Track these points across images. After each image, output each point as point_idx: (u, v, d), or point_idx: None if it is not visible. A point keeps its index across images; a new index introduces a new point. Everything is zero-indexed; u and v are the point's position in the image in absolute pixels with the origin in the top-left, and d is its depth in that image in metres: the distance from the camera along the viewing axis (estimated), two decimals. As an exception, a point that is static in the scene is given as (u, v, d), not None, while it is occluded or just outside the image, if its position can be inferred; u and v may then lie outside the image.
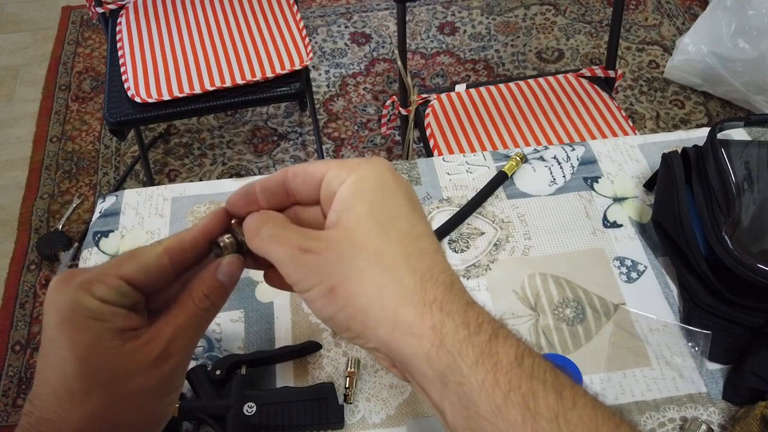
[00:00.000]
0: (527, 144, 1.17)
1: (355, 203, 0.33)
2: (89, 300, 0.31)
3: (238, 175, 1.75)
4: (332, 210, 0.34)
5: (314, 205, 0.37)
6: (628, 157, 0.76)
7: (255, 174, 1.73)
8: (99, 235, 0.70)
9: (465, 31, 2.10)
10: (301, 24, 1.38)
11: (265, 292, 0.66)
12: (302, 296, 0.33)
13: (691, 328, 0.60)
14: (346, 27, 2.12)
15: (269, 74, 1.27)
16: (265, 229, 0.34)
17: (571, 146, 0.77)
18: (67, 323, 0.31)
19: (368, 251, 0.31)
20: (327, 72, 1.99)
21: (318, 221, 0.36)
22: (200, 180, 1.73)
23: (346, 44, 2.07)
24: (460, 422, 0.30)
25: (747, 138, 0.75)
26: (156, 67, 1.29)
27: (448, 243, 0.69)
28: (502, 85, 1.26)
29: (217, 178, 1.45)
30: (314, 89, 1.91)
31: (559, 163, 0.75)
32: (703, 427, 0.54)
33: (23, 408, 0.32)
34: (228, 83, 1.26)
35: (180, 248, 0.36)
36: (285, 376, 0.59)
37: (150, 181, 1.59)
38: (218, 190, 0.74)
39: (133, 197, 0.73)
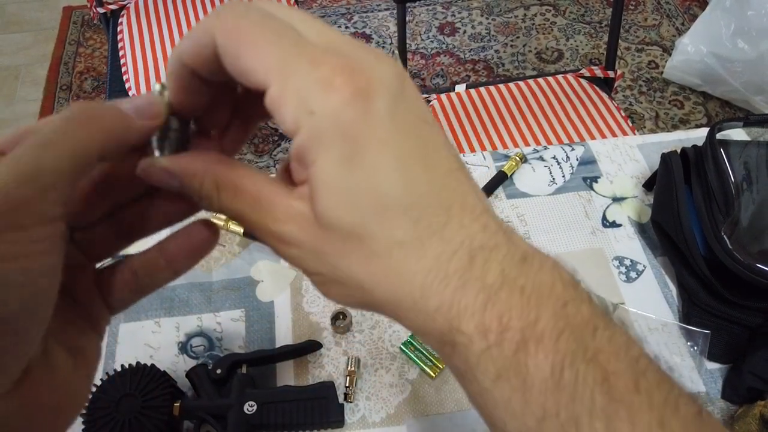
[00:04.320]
0: (527, 144, 1.17)
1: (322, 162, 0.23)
2: None
3: (239, 175, 1.75)
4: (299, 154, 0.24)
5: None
6: (628, 157, 0.76)
7: (255, 174, 1.73)
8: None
9: (465, 32, 2.10)
10: (302, 24, 1.38)
11: (265, 291, 0.66)
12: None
13: (690, 327, 0.60)
14: (347, 27, 2.13)
15: (270, 74, 1.27)
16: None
17: (570, 146, 0.77)
18: None
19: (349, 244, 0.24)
20: (327, 72, 1.99)
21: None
22: (201, 180, 1.73)
23: (346, 44, 2.07)
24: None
25: (746, 138, 0.75)
26: (157, 67, 1.29)
27: (448, 243, 0.69)
28: (501, 86, 1.27)
29: (218, 178, 1.44)
30: (314, 89, 1.91)
31: (559, 163, 0.76)
32: (702, 426, 0.54)
33: None
34: (228, 83, 1.26)
35: None
36: (285, 375, 0.60)
37: (150, 181, 1.59)
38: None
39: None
